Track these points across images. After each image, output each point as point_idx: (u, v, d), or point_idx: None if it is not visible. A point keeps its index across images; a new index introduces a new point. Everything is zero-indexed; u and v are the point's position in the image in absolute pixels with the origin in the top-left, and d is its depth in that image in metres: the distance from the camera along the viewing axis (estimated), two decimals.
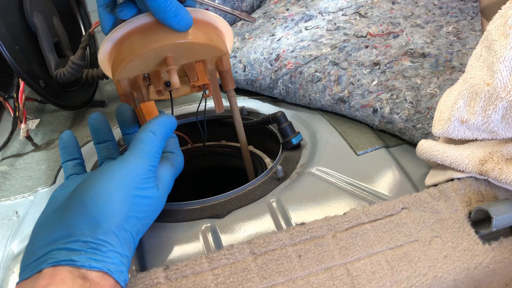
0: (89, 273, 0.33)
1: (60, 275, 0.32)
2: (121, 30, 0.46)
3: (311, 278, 0.37)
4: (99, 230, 0.35)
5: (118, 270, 0.34)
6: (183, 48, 0.46)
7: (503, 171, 0.39)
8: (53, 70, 0.59)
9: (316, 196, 0.46)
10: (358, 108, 0.56)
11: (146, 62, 0.47)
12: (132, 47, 0.46)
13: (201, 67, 0.49)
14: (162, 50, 0.45)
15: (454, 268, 0.39)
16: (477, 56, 0.41)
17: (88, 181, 0.37)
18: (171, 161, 0.45)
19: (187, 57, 0.48)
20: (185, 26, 0.45)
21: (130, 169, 0.38)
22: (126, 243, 0.36)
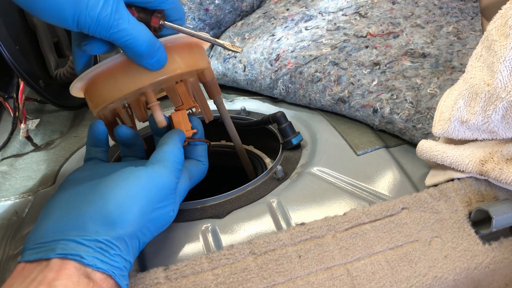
0: (94, 273, 0.33)
1: (67, 270, 0.32)
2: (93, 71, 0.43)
3: (311, 278, 0.37)
4: (113, 233, 0.34)
5: (121, 275, 0.34)
6: (158, 84, 0.44)
7: (503, 171, 0.39)
8: (53, 70, 0.59)
9: (316, 196, 0.46)
10: (358, 108, 0.56)
11: (124, 99, 0.45)
12: (109, 90, 0.42)
13: (183, 88, 0.46)
14: (139, 91, 0.43)
15: (454, 268, 0.39)
16: (477, 56, 0.41)
17: (114, 179, 0.37)
18: (191, 172, 0.45)
19: (167, 82, 0.45)
20: (160, 66, 0.42)
21: (159, 181, 0.38)
22: (133, 251, 0.36)
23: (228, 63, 0.69)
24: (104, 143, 0.47)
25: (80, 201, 0.36)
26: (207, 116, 0.51)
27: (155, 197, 0.38)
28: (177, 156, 0.41)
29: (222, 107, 0.53)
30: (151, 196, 0.37)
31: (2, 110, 0.68)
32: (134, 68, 0.41)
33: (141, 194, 0.37)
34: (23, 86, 0.60)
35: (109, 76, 0.42)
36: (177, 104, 0.46)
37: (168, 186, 0.39)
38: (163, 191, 0.38)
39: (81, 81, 0.44)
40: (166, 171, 0.39)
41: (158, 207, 0.38)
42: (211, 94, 0.51)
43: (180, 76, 0.45)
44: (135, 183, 0.37)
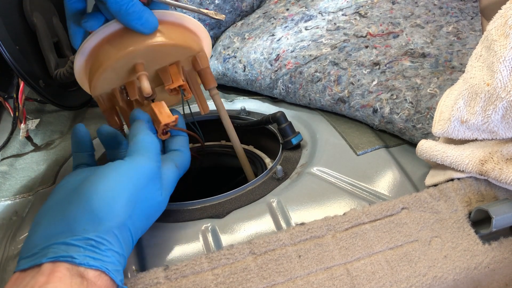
0: (87, 271, 0.33)
1: (58, 273, 0.32)
2: (89, 43, 0.45)
3: (311, 278, 0.37)
4: (101, 228, 0.34)
5: (115, 270, 0.34)
6: (151, 52, 0.45)
7: (503, 171, 0.39)
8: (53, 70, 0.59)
9: (316, 196, 0.46)
10: (358, 108, 0.56)
11: (118, 73, 0.46)
12: (100, 59, 0.44)
13: (175, 69, 0.47)
14: (130, 57, 0.44)
15: (454, 268, 0.39)
16: (477, 56, 0.41)
17: (95, 177, 0.37)
18: (176, 161, 0.45)
19: (159, 62, 0.46)
20: (150, 28, 0.43)
21: (138, 168, 0.38)
22: (125, 243, 0.36)
23: (228, 63, 0.69)
24: (89, 147, 0.47)
25: (66, 205, 0.36)
26: (202, 108, 0.52)
27: (138, 184, 0.38)
28: (150, 141, 0.41)
29: (217, 98, 0.53)
30: (133, 184, 0.37)
31: (2, 110, 0.68)
32: (127, 36, 0.44)
33: (122, 184, 0.37)
34: (23, 86, 0.60)
35: (105, 43, 0.44)
36: (168, 82, 0.47)
37: (148, 171, 0.39)
38: (144, 176, 0.38)
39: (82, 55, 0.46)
40: (143, 158, 0.39)
41: (143, 193, 0.38)
42: (206, 83, 0.51)
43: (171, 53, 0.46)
44: (115, 175, 0.37)
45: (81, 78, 0.49)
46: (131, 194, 0.37)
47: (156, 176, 0.40)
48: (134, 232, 0.37)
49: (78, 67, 0.47)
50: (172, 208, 0.47)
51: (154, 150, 0.41)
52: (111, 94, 0.48)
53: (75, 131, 0.46)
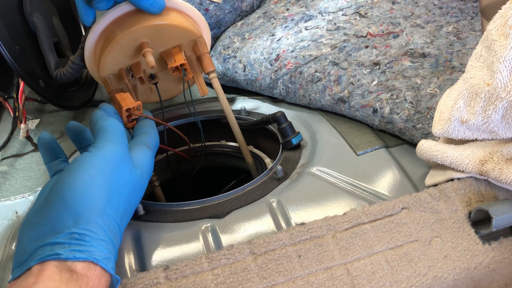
0: (75, 264, 0.33)
1: (47, 271, 0.32)
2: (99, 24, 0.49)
3: (311, 278, 0.37)
4: (80, 220, 0.34)
5: (104, 258, 0.34)
6: (155, 32, 0.49)
7: (503, 171, 0.39)
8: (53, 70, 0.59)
9: (316, 196, 0.46)
10: (358, 108, 0.56)
11: (125, 52, 0.49)
12: (109, 38, 0.48)
13: (177, 51, 0.51)
14: (136, 35, 0.48)
15: (454, 268, 0.39)
16: (477, 56, 0.41)
17: (64, 174, 0.37)
18: (145, 142, 0.45)
19: (163, 44, 0.51)
20: (158, 8, 0.48)
21: (103, 154, 0.39)
22: (109, 230, 0.36)
23: (228, 63, 0.69)
24: (59, 153, 0.46)
25: (44, 208, 0.36)
26: (202, 90, 0.55)
27: (106, 169, 0.38)
28: (109, 125, 0.42)
29: (215, 81, 0.56)
30: (100, 170, 0.37)
31: (2, 110, 0.68)
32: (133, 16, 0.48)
33: (90, 174, 0.37)
34: (23, 86, 0.60)
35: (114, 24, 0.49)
36: (170, 62, 0.51)
37: (113, 154, 0.39)
38: (110, 160, 0.39)
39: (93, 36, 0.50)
40: (106, 143, 0.40)
41: (115, 177, 0.38)
42: (205, 67, 0.54)
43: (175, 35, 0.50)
44: (82, 167, 0.37)
45: (90, 61, 0.52)
46: (102, 181, 0.37)
47: (123, 157, 0.40)
48: (117, 217, 0.37)
49: (89, 48, 0.51)
50: (172, 208, 0.47)
51: (115, 132, 0.41)
52: (118, 76, 0.51)
53: (41, 141, 0.46)
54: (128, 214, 0.40)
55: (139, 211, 0.46)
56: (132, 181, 0.40)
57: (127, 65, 0.51)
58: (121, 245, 0.42)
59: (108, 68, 0.50)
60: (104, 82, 0.51)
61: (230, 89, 0.72)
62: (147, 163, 0.43)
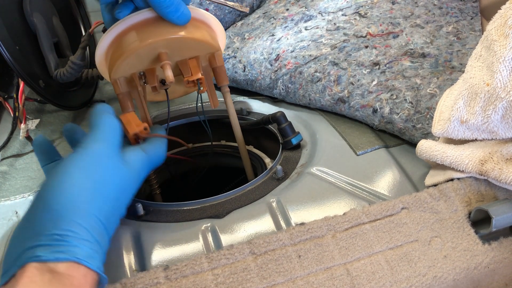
0: (57, 265, 0.32)
1: (27, 273, 0.31)
2: (116, 29, 0.47)
3: (311, 278, 0.37)
4: (61, 221, 0.34)
5: (88, 257, 0.34)
6: (176, 44, 0.48)
7: (503, 171, 0.39)
8: (53, 70, 0.59)
9: (316, 196, 0.46)
10: (358, 108, 0.56)
11: (141, 59, 0.48)
12: (127, 44, 0.47)
13: (195, 63, 0.50)
14: (156, 46, 0.47)
15: (454, 268, 0.39)
16: (477, 56, 0.41)
17: (48, 177, 0.37)
18: (143, 148, 0.44)
19: (181, 54, 0.49)
20: (184, 20, 0.47)
21: (86, 154, 0.38)
22: (93, 229, 0.35)
23: (228, 63, 0.69)
24: (55, 155, 0.46)
25: (28, 213, 0.36)
26: (213, 102, 0.55)
27: (87, 168, 0.37)
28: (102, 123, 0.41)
29: (227, 95, 0.55)
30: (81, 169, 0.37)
31: (2, 110, 0.68)
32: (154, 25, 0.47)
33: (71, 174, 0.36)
34: (23, 86, 0.60)
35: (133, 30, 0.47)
36: (187, 74, 0.49)
37: (98, 151, 0.39)
38: (92, 159, 0.38)
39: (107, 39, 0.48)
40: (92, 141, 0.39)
41: (98, 175, 0.38)
42: (220, 80, 0.53)
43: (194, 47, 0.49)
44: (64, 168, 0.37)
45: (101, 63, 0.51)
46: (83, 180, 0.37)
47: (109, 155, 0.39)
48: (102, 216, 0.37)
49: (101, 51, 0.49)
50: (172, 208, 0.47)
51: (106, 130, 0.40)
52: (129, 79, 0.50)
53: (36, 144, 0.45)
54: (117, 213, 0.39)
55: (139, 211, 0.46)
56: (119, 179, 0.39)
57: (140, 70, 0.50)
58: (121, 245, 0.42)
59: (121, 72, 0.49)
60: (114, 83, 0.50)
61: (230, 89, 0.72)
62: (138, 164, 0.42)
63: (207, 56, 0.52)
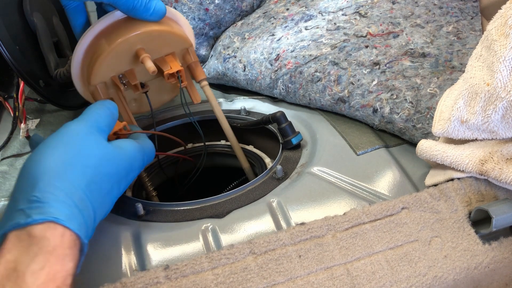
0: (34, 228, 0.32)
1: (8, 243, 0.32)
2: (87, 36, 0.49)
3: (311, 278, 0.37)
4: (39, 183, 0.34)
5: (65, 217, 0.33)
6: (151, 39, 0.49)
7: (503, 171, 0.39)
8: (53, 70, 0.59)
9: (316, 196, 0.46)
10: (358, 108, 0.56)
11: (119, 60, 0.49)
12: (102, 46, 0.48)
13: (171, 58, 0.52)
14: (131, 42, 0.48)
15: (454, 268, 0.39)
16: (477, 56, 0.41)
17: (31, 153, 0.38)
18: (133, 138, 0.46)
19: (157, 51, 0.50)
20: (159, 16, 0.48)
21: (66, 129, 0.39)
22: (71, 194, 0.35)
23: (228, 63, 0.69)
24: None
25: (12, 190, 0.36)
26: (195, 97, 0.56)
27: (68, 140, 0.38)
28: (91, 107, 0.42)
29: (207, 89, 0.57)
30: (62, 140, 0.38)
31: (2, 110, 0.68)
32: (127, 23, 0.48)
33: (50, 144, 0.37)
34: (23, 86, 0.60)
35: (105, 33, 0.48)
36: (166, 69, 0.51)
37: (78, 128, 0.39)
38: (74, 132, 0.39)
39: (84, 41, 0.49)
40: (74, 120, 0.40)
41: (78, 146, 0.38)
42: (197, 75, 0.55)
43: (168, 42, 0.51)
44: (45, 141, 0.38)
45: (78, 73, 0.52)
46: (62, 150, 0.37)
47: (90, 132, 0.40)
48: (82, 183, 0.37)
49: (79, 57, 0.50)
50: (172, 208, 0.47)
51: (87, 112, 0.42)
52: (109, 84, 0.51)
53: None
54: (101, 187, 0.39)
55: (139, 211, 0.46)
56: (100, 152, 0.39)
57: (120, 72, 0.50)
58: (121, 244, 0.42)
59: (101, 75, 0.49)
60: (94, 91, 0.50)
61: (230, 89, 0.72)
62: (130, 148, 0.43)
63: (182, 53, 0.53)
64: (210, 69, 0.72)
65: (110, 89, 0.51)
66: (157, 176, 0.63)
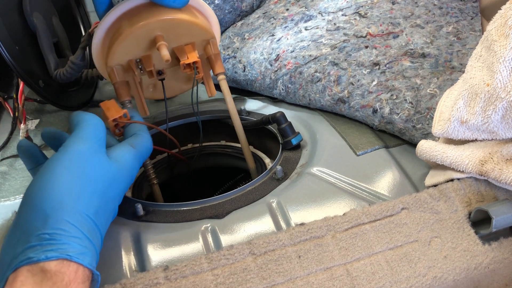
0: (47, 264, 0.32)
1: (20, 277, 0.31)
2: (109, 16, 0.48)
3: (311, 279, 0.37)
4: (49, 220, 0.34)
5: (78, 253, 0.34)
6: (171, 27, 0.48)
7: (503, 171, 0.39)
8: (52, 70, 0.59)
9: (316, 197, 0.46)
10: (358, 108, 0.56)
11: (137, 44, 0.48)
12: (122, 28, 0.47)
13: (191, 48, 0.51)
14: (151, 28, 0.47)
15: (454, 268, 0.39)
16: (477, 56, 0.41)
17: (35, 178, 0.37)
18: (130, 142, 0.44)
19: (176, 39, 0.50)
20: (182, 3, 0.47)
21: (70, 152, 0.38)
22: (82, 226, 0.35)
23: (228, 63, 0.69)
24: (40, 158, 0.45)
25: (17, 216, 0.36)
26: (210, 90, 0.55)
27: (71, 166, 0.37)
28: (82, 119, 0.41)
29: (224, 83, 0.55)
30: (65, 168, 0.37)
31: (2, 110, 0.68)
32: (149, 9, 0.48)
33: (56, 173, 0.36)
34: (23, 86, 0.60)
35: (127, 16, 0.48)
36: (183, 58, 0.50)
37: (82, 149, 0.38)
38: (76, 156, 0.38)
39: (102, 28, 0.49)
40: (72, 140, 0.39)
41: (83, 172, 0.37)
42: (215, 68, 0.54)
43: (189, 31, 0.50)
44: (48, 168, 0.37)
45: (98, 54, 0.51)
46: (69, 178, 0.36)
47: (94, 152, 0.39)
48: (90, 212, 0.37)
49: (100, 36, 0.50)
50: (172, 208, 0.47)
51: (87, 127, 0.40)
52: (126, 67, 0.51)
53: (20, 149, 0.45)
54: (108, 209, 0.39)
55: (139, 212, 0.46)
56: (106, 176, 0.39)
57: (137, 56, 0.50)
58: (121, 245, 0.42)
59: (118, 58, 0.49)
60: (111, 72, 0.50)
61: (230, 89, 0.72)
62: (126, 159, 0.42)
63: (203, 44, 0.52)
64: None
65: (126, 73, 0.51)
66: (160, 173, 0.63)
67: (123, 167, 0.41)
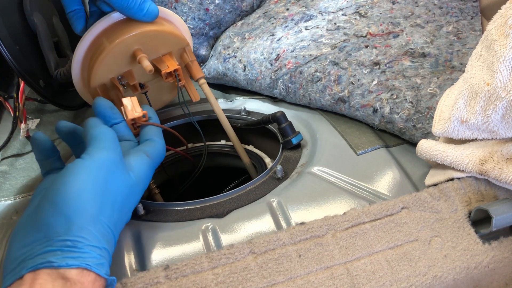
0: (68, 271, 0.32)
1: (39, 279, 0.32)
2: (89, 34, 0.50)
3: (311, 278, 0.37)
4: (73, 227, 0.34)
5: (97, 264, 0.34)
6: (150, 39, 0.50)
7: (503, 170, 0.39)
8: (53, 70, 0.59)
9: (316, 196, 0.46)
10: (358, 108, 0.56)
11: (118, 60, 0.50)
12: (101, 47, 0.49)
13: (169, 57, 0.53)
14: (131, 42, 0.49)
15: (454, 267, 0.39)
16: (477, 56, 0.41)
17: (57, 179, 0.37)
18: (146, 151, 0.45)
19: (154, 51, 0.52)
20: (152, 17, 0.49)
21: (96, 161, 0.38)
22: (103, 236, 0.36)
23: (228, 63, 0.69)
24: (52, 152, 0.46)
25: (37, 214, 0.36)
26: (194, 95, 0.58)
27: (98, 176, 0.38)
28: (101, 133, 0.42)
29: (205, 87, 0.58)
30: (93, 178, 0.37)
31: (2, 110, 0.68)
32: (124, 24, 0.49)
33: (83, 181, 0.37)
34: (23, 86, 0.60)
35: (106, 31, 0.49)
36: (163, 68, 0.52)
37: (105, 161, 0.39)
38: (103, 167, 0.38)
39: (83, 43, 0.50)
40: (98, 150, 0.40)
41: (108, 184, 0.38)
42: (194, 74, 0.56)
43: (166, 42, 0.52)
44: (75, 174, 0.37)
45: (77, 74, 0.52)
46: (94, 187, 0.37)
47: (116, 163, 0.40)
48: (110, 223, 0.37)
49: (79, 58, 0.51)
50: (172, 208, 0.47)
51: (106, 140, 0.41)
52: (109, 85, 0.52)
53: (33, 141, 0.46)
54: (122, 219, 0.40)
55: (139, 211, 0.46)
56: (126, 188, 0.40)
57: (119, 73, 0.51)
58: (121, 244, 0.42)
59: (100, 77, 0.50)
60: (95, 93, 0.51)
61: (230, 89, 0.72)
62: (143, 171, 0.43)
63: (179, 53, 0.54)
64: (210, 69, 0.72)
65: (110, 91, 0.52)
66: (159, 174, 0.63)
67: (140, 179, 0.42)
